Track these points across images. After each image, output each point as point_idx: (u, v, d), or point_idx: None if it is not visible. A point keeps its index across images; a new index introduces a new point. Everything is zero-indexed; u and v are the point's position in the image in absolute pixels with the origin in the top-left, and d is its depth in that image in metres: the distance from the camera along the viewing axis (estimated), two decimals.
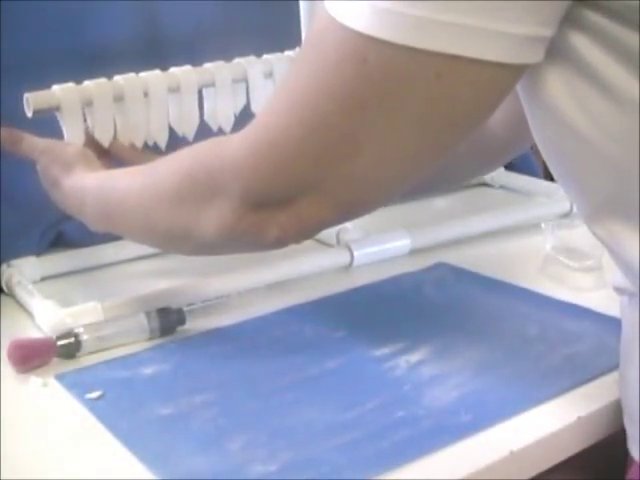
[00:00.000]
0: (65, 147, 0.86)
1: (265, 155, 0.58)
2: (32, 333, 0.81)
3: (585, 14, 0.51)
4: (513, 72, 0.53)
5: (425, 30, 0.50)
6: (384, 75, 0.52)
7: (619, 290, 0.63)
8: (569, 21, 0.52)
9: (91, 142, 0.89)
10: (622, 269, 0.60)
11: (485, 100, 0.55)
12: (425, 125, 0.54)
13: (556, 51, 0.53)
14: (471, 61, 0.51)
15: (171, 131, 0.93)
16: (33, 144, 0.87)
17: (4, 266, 0.94)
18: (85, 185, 0.79)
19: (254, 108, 0.96)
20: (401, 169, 0.58)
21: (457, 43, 0.50)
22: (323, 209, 0.59)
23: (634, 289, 0.59)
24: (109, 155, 0.90)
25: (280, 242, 0.62)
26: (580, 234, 0.97)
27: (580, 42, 0.52)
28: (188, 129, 0.93)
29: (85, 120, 0.89)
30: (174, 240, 0.70)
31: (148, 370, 0.75)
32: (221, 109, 0.95)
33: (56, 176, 0.83)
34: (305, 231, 0.62)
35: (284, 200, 0.59)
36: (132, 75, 0.91)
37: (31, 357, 0.76)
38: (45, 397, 0.72)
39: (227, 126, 0.95)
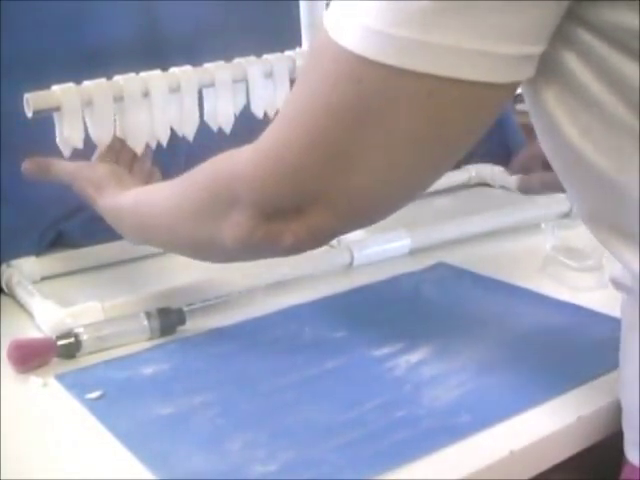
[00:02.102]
0: (94, 168, 0.88)
1: (271, 167, 0.60)
2: (32, 333, 0.81)
3: (575, 32, 0.52)
4: (503, 90, 0.54)
5: (414, 51, 0.51)
6: (378, 94, 0.54)
7: (617, 284, 0.63)
8: (561, 39, 0.53)
9: (121, 148, 0.91)
10: (622, 265, 0.60)
11: (477, 118, 0.56)
12: (420, 142, 0.55)
13: (551, 69, 0.54)
14: (460, 81, 0.51)
15: (171, 131, 0.93)
16: (62, 169, 0.89)
17: (4, 266, 0.94)
18: (120, 204, 0.81)
19: (254, 108, 0.96)
20: (400, 183, 0.59)
21: (445, 64, 0.51)
22: (330, 218, 0.60)
23: (632, 285, 0.59)
24: (137, 158, 0.92)
25: (296, 249, 0.64)
26: (580, 234, 0.97)
27: (571, 61, 0.53)
28: (188, 129, 0.93)
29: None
30: (201, 250, 0.72)
31: (148, 370, 0.75)
32: (221, 109, 0.94)
33: (91, 196, 0.85)
34: (317, 239, 0.63)
35: (294, 209, 0.60)
36: (132, 75, 0.91)
37: (31, 357, 0.76)
38: (45, 397, 0.72)
39: (227, 126, 0.95)
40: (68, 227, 1.03)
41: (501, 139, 1.29)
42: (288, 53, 0.99)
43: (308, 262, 0.93)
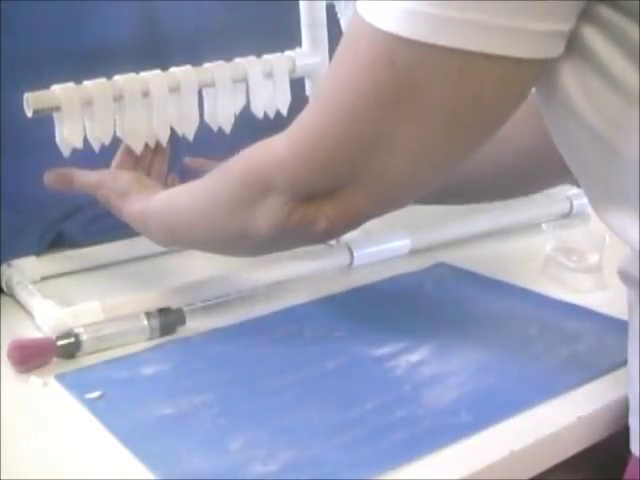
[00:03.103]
0: (117, 176, 0.89)
1: (306, 152, 0.61)
2: (32, 333, 0.81)
3: (598, 9, 0.53)
4: (534, 67, 0.54)
5: (448, 28, 0.52)
6: (411, 73, 0.55)
7: (624, 275, 0.62)
8: (583, 15, 0.53)
9: (126, 151, 0.92)
10: (629, 248, 0.61)
11: (508, 95, 0.56)
12: (453, 120, 0.56)
13: (569, 45, 0.55)
14: (491, 57, 0.52)
15: (171, 131, 0.93)
16: (86, 180, 0.90)
17: (4, 266, 0.94)
18: (146, 209, 0.82)
19: (254, 108, 0.96)
20: (434, 163, 0.60)
21: (477, 40, 0.52)
22: (364, 201, 0.62)
23: (633, 270, 0.60)
24: (156, 160, 0.93)
25: (328, 233, 0.65)
26: (580, 234, 0.97)
27: (591, 36, 0.54)
28: (188, 129, 0.93)
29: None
30: (235, 244, 0.73)
31: (148, 370, 0.75)
32: (221, 109, 0.95)
33: (116, 204, 0.86)
34: (350, 222, 0.65)
35: (328, 193, 0.62)
36: (132, 75, 0.91)
37: (31, 357, 0.76)
38: (45, 397, 0.72)
39: (227, 126, 0.95)
40: (68, 227, 1.03)
41: None
42: (288, 53, 0.99)
43: (308, 262, 0.93)
